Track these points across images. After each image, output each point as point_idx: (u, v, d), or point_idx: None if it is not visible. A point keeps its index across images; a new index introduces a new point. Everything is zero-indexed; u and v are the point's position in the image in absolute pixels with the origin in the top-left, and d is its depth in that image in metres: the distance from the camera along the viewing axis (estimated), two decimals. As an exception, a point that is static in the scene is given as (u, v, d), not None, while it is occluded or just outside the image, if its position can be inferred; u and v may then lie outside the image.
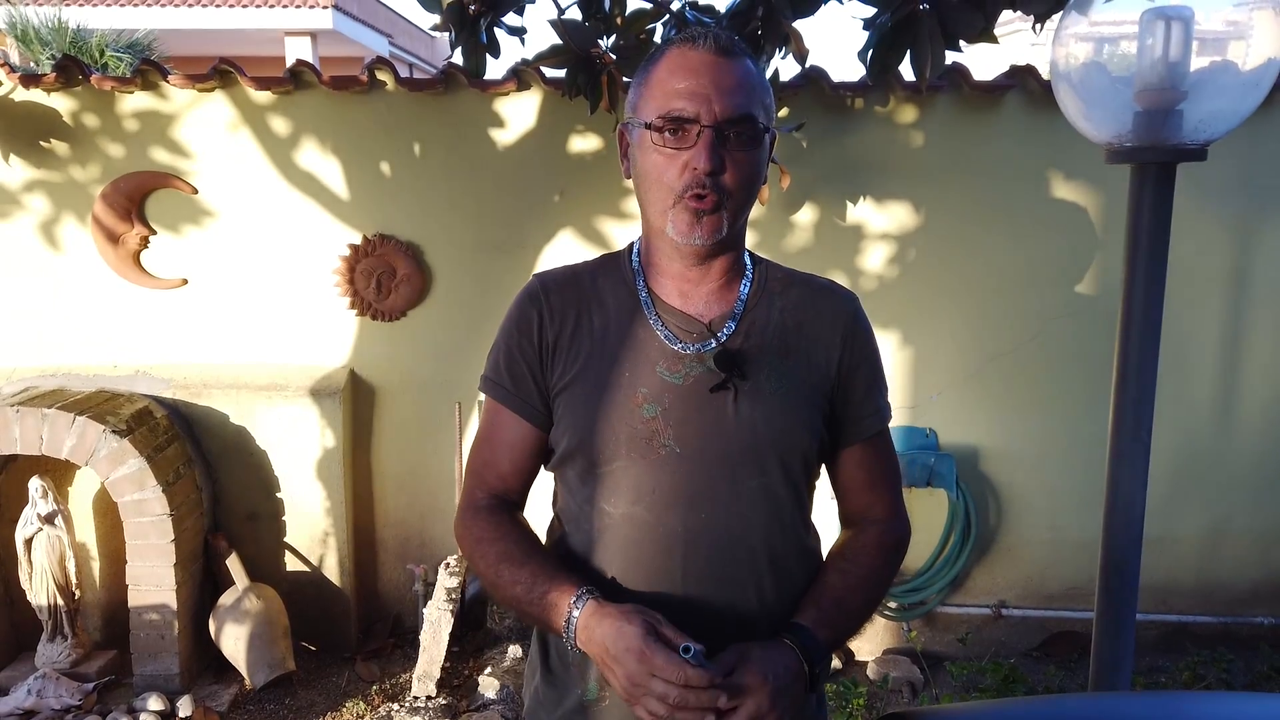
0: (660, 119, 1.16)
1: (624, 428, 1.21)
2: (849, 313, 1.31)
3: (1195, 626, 3.57)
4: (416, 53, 14.46)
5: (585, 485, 1.25)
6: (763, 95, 1.19)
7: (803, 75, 3.17)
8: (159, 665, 3.16)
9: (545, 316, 1.27)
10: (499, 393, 1.29)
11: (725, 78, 1.15)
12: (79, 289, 3.43)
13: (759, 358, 1.23)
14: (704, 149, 1.14)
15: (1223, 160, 3.07)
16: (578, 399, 1.24)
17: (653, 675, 1.04)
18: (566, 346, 1.25)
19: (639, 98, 1.21)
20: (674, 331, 1.24)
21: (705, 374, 1.21)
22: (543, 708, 1.32)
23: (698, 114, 1.14)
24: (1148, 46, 1.65)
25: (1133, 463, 1.79)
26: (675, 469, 1.20)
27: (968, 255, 3.37)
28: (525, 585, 1.19)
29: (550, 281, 1.30)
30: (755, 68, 1.20)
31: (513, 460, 1.30)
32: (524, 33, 2.69)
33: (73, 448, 3.03)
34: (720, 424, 1.21)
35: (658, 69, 1.19)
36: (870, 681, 3.40)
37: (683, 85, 1.15)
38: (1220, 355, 3.45)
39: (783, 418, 1.23)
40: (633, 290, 1.27)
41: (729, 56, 1.16)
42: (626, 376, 1.22)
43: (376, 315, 3.43)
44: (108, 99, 3.30)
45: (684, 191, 1.16)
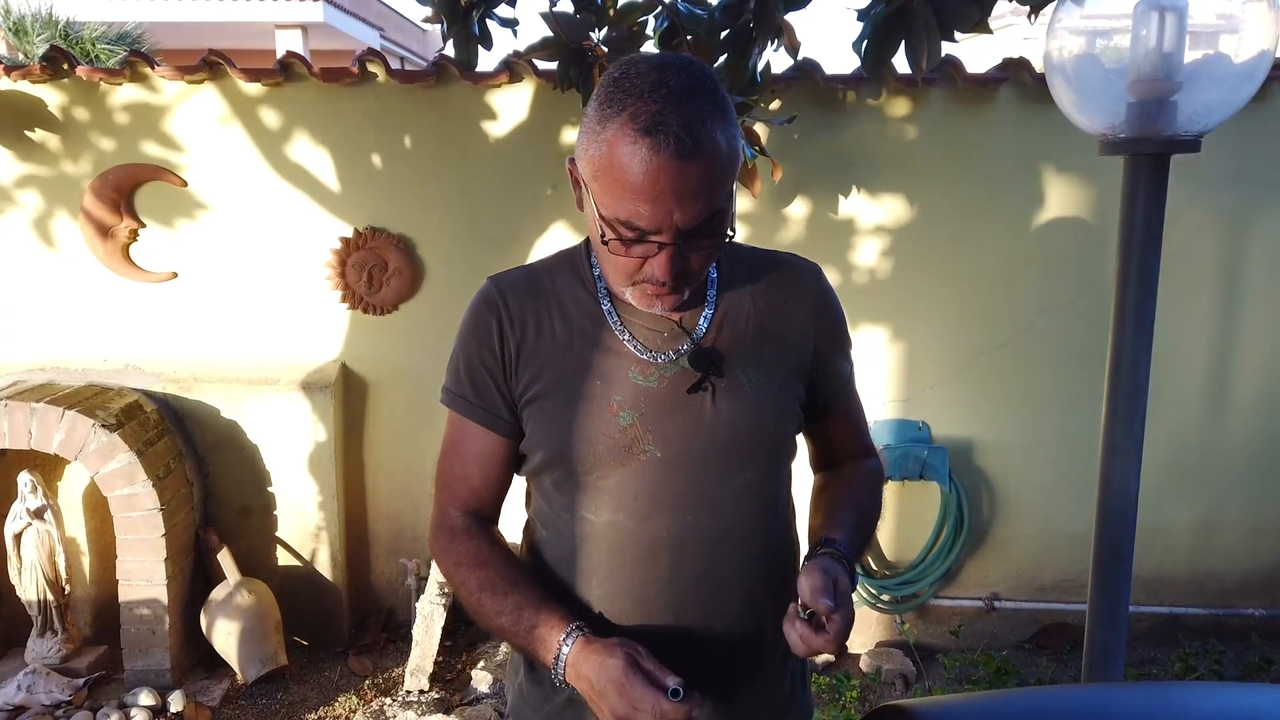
0: (617, 222, 1.06)
1: (602, 438, 1.17)
2: (815, 285, 1.28)
3: (1187, 618, 3.59)
4: (408, 46, 14.39)
5: (563, 494, 1.22)
6: (729, 169, 1.07)
7: (795, 68, 3.16)
8: (150, 660, 3.14)
9: (505, 324, 1.21)
10: (462, 405, 1.23)
11: (689, 183, 1.02)
12: (68, 282, 3.40)
13: (735, 352, 1.20)
14: (664, 263, 1.07)
15: (1216, 153, 3.07)
16: (549, 411, 1.19)
17: (635, 709, 1.02)
18: (530, 355, 1.20)
19: (591, 166, 1.07)
20: (643, 335, 1.19)
21: (680, 374, 1.18)
22: (527, 704, 1.30)
23: (658, 228, 1.05)
24: (1141, 37, 1.64)
25: (1125, 454, 1.79)
26: (657, 474, 1.17)
27: (960, 248, 3.37)
28: (511, 617, 1.15)
29: (506, 285, 1.24)
30: (721, 138, 1.04)
31: (484, 473, 1.25)
32: (516, 25, 2.68)
33: (62, 442, 3.01)
34: (700, 424, 1.18)
35: (615, 155, 1.03)
36: (863, 674, 3.41)
37: (642, 192, 1.02)
38: (1213, 347, 3.46)
39: (763, 411, 1.20)
40: (592, 294, 1.21)
41: (694, 159, 1.01)
42: (598, 385, 1.18)
43: (368, 309, 3.42)
44: (96, 90, 3.28)
45: (641, 279, 1.12)
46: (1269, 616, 3.57)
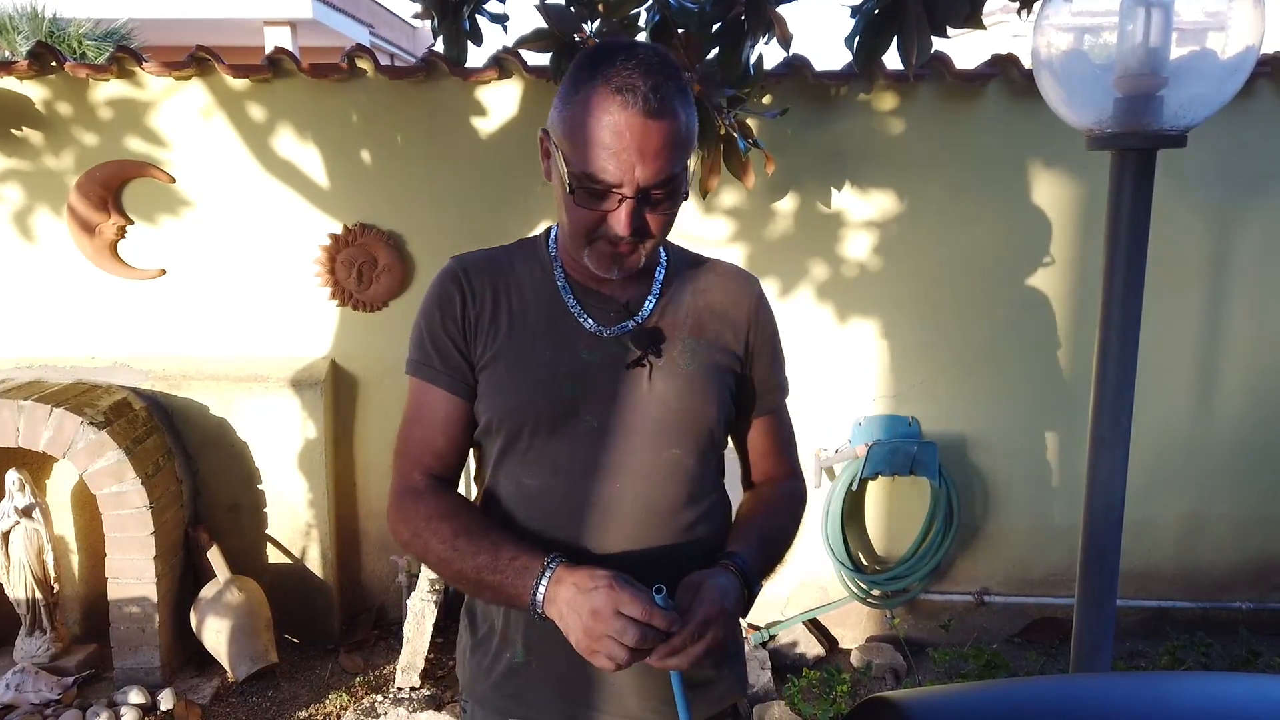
0: (584, 175, 1.15)
1: (545, 405, 1.25)
2: (754, 295, 1.38)
3: (1174, 611, 3.61)
4: (398, 43, 14.34)
5: (505, 461, 1.29)
6: (688, 140, 1.18)
7: (786, 64, 3.16)
8: (140, 659, 3.13)
9: (467, 295, 1.29)
10: (428, 372, 1.30)
11: (651, 141, 1.12)
12: (55, 279, 3.38)
13: (674, 336, 1.29)
14: (625, 216, 1.16)
15: (1202, 149, 3.09)
16: (500, 375, 1.27)
17: (617, 612, 1.06)
18: (488, 325, 1.28)
19: (562, 130, 1.18)
20: (592, 313, 1.29)
21: (622, 352, 1.27)
22: (475, 679, 1.36)
23: (621, 181, 1.14)
24: (1128, 32, 1.65)
25: (1113, 449, 1.80)
26: (592, 443, 1.25)
27: (950, 243, 3.38)
28: (489, 555, 1.18)
29: (469, 263, 1.33)
30: (683, 108, 1.16)
31: (448, 436, 1.31)
32: (506, 20, 2.67)
33: (50, 439, 2.99)
34: (636, 399, 1.26)
35: (586, 113, 1.14)
36: (854, 669, 3.42)
37: (608, 147, 1.13)
38: (1199, 342, 3.48)
39: (694, 393, 1.28)
40: (550, 274, 1.31)
41: (657, 118, 1.12)
42: (547, 355, 1.26)
43: (358, 305, 3.41)
44: (82, 86, 3.26)
45: (600, 238, 1.20)
46: (1256, 609, 3.59)
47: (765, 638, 3.49)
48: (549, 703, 1.32)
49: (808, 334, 3.42)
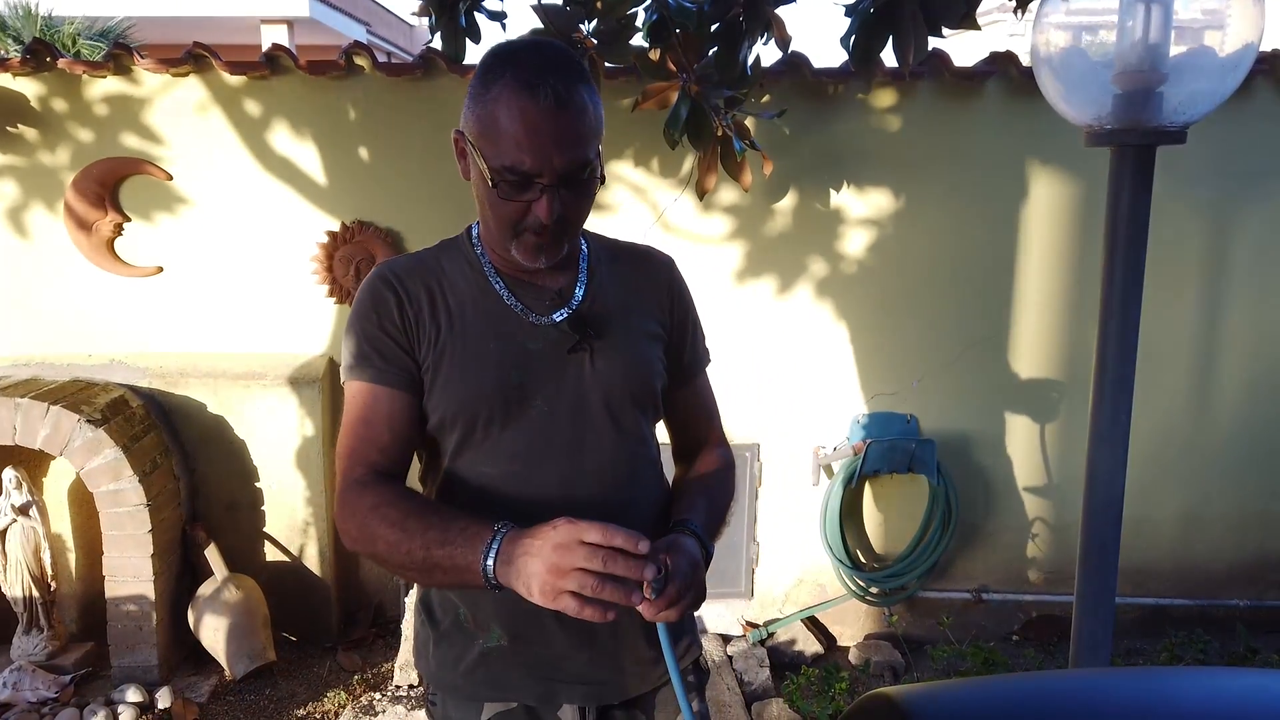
0: (503, 169, 1.20)
1: (496, 395, 1.29)
2: (669, 274, 1.47)
3: (1173, 609, 3.62)
4: (395, 41, 14.33)
5: (464, 451, 1.32)
6: (596, 125, 1.24)
7: (784, 62, 3.16)
8: (137, 657, 3.13)
9: (403, 297, 1.31)
10: (370, 372, 1.30)
11: (564, 130, 1.19)
12: (52, 277, 3.38)
13: (606, 317, 1.36)
14: (546, 204, 1.21)
15: (1200, 147, 3.09)
16: (447, 373, 1.30)
17: (580, 541, 1.06)
18: (428, 325, 1.31)
19: (478, 129, 1.22)
20: (528, 303, 1.34)
21: (562, 337, 1.33)
22: (443, 669, 1.38)
23: (540, 170, 1.19)
24: (1127, 28, 1.65)
25: (1112, 446, 1.80)
26: (546, 426, 1.31)
27: (948, 241, 3.38)
28: (439, 530, 1.17)
29: (398, 267, 1.35)
30: (590, 101, 1.22)
31: (394, 431, 1.30)
32: (504, 17, 2.67)
33: (47, 437, 2.99)
34: (580, 381, 1.32)
35: (500, 110, 1.19)
36: (852, 666, 3.42)
37: (525, 141, 1.18)
38: (1199, 339, 3.48)
39: (634, 368, 1.36)
40: (479, 270, 1.35)
41: (567, 109, 1.19)
42: (491, 348, 1.30)
43: (356, 303, 3.40)
44: (78, 83, 3.25)
45: (525, 229, 1.25)
46: (1253, 607, 3.60)
47: (764, 635, 3.49)
48: (525, 682, 1.35)
49: (806, 332, 3.42)
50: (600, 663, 1.36)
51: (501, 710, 1.36)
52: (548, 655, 1.34)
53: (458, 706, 1.39)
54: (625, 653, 1.37)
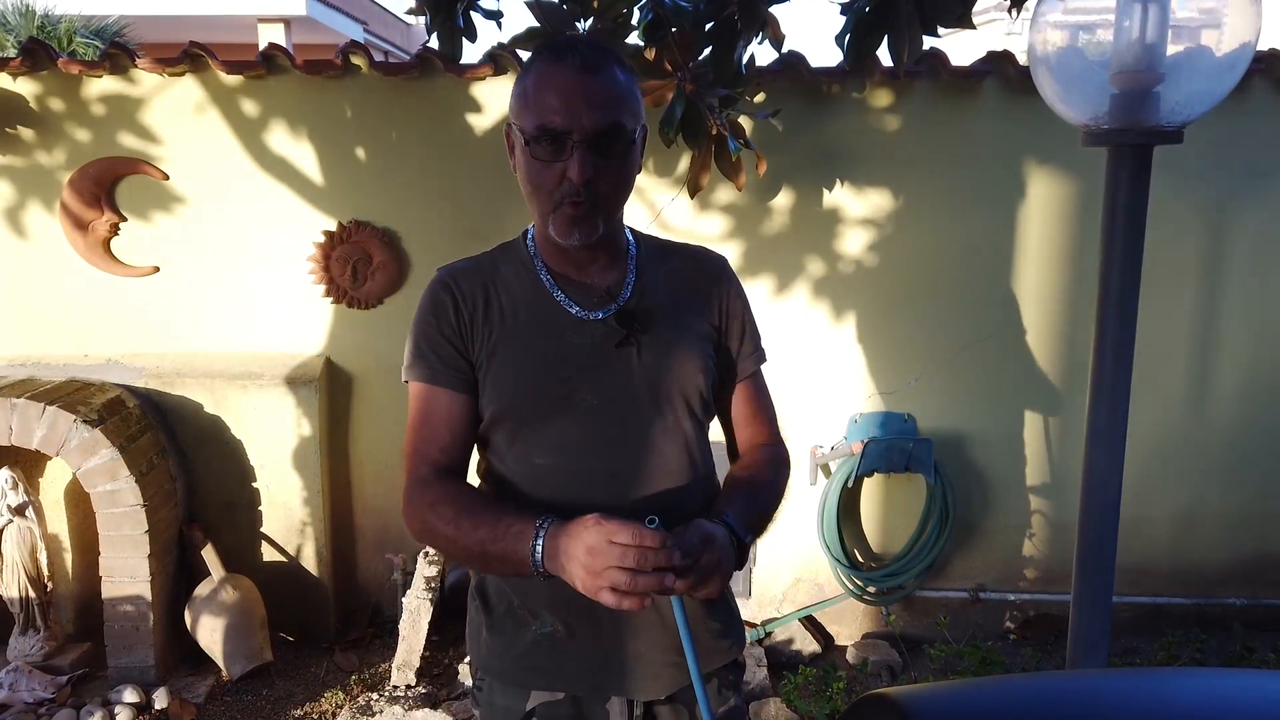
0: (536, 129, 1.26)
1: (545, 389, 1.34)
2: (721, 272, 1.49)
3: (1170, 608, 3.62)
4: (392, 40, 14.31)
5: (514, 444, 1.37)
6: (630, 102, 1.29)
7: (780, 61, 3.16)
8: (134, 657, 3.12)
9: (459, 300, 1.38)
10: (429, 374, 1.38)
11: (594, 92, 1.25)
12: (48, 277, 3.37)
13: (654, 313, 1.39)
14: (577, 161, 1.25)
15: (1198, 145, 3.09)
16: (500, 368, 1.36)
17: (610, 542, 1.12)
18: (481, 324, 1.37)
19: (518, 108, 1.30)
20: (577, 300, 1.38)
21: (610, 333, 1.36)
22: (493, 655, 1.43)
23: (569, 128, 1.24)
24: (1125, 28, 1.65)
25: (1109, 445, 1.80)
26: (594, 419, 1.34)
27: (945, 240, 3.38)
28: (489, 527, 1.25)
29: (456, 271, 1.42)
30: (622, 76, 1.29)
31: (453, 430, 1.38)
32: (500, 16, 2.66)
33: (43, 438, 2.98)
34: (628, 374, 1.36)
35: (531, 84, 1.28)
36: (850, 665, 3.42)
37: (555, 101, 1.25)
38: (1196, 338, 3.48)
39: (680, 362, 1.38)
40: (532, 270, 1.40)
41: (595, 73, 1.25)
42: (541, 344, 1.36)
43: (352, 303, 3.40)
44: (75, 83, 3.24)
45: (561, 199, 1.28)
46: (1250, 605, 3.60)
47: (761, 635, 3.49)
48: (575, 673, 1.39)
49: (803, 331, 3.42)
50: (648, 656, 1.38)
51: (548, 700, 1.40)
52: (597, 646, 1.38)
53: (505, 693, 1.43)
54: (672, 647, 1.38)
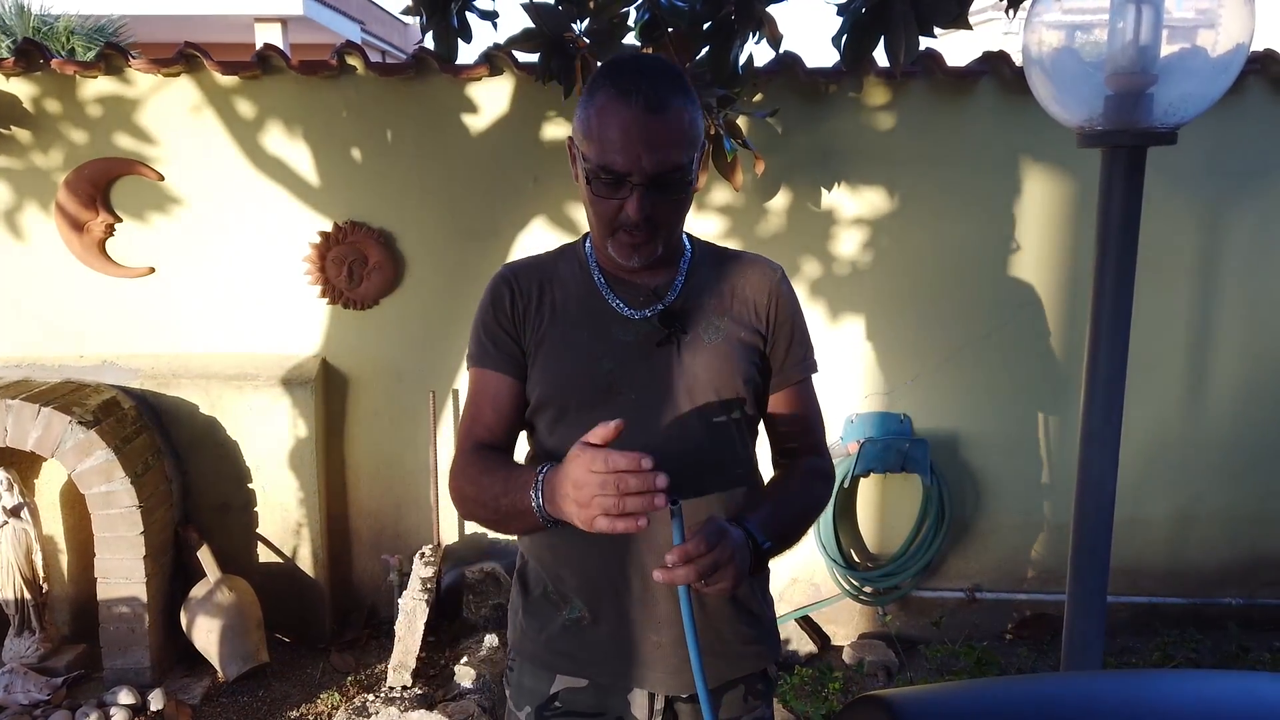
0: (598, 167, 1.30)
1: (586, 381, 1.39)
2: (775, 279, 1.50)
3: (1165, 608, 3.62)
4: (389, 40, 14.31)
5: (554, 432, 1.42)
6: (691, 134, 1.31)
7: (777, 61, 3.16)
8: (129, 659, 3.12)
9: (516, 293, 1.45)
10: (483, 359, 1.45)
11: (655, 135, 1.27)
12: (43, 278, 3.36)
13: (698, 315, 1.43)
14: (635, 203, 1.30)
15: (1192, 147, 3.10)
16: (545, 359, 1.42)
17: (590, 471, 1.14)
18: (534, 314, 1.44)
19: (580, 132, 1.33)
20: (624, 299, 1.43)
21: (653, 331, 1.41)
22: (526, 637, 1.49)
23: (629, 170, 1.28)
24: (1118, 30, 1.65)
25: (1103, 445, 1.80)
26: (632, 412, 1.34)
27: (942, 240, 3.39)
28: (503, 481, 1.31)
29: (517, 267, 1.50)
30: (684, 107, 1.30)
31: (497, 409, 1.44)
32: (496, 17, 2.66)
33: (38, 439, 2.98)
34: (667, 372, 1.40)
35: (595, 116, 1.30)
36: (846, 666, 3.42)
37: (616, 140, 1.27)
38: (1191, 338, 3.49)
39: (719, 364, 1.41)
40: (587, 269, 1.46)
41: (658, 113, 1.27)
42: (586, 337, 1.41)
43: (348, 303, 3.40)
44: (70, 84, 3.24)
45: (619, 227, 1.34)
46: (1245, 605, 3.61)
47: (757, 635, 3.49)
48: (598, 661, 1.43)
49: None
50: (671, 651, 1.40)
51: (571, 685, 1.45)
52: (621, 636, 1.41)
53: (532, 674, 1.48)
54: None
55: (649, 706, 1.43)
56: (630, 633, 1.41)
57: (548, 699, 1.46)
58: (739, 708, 1.48)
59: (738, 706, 1.48)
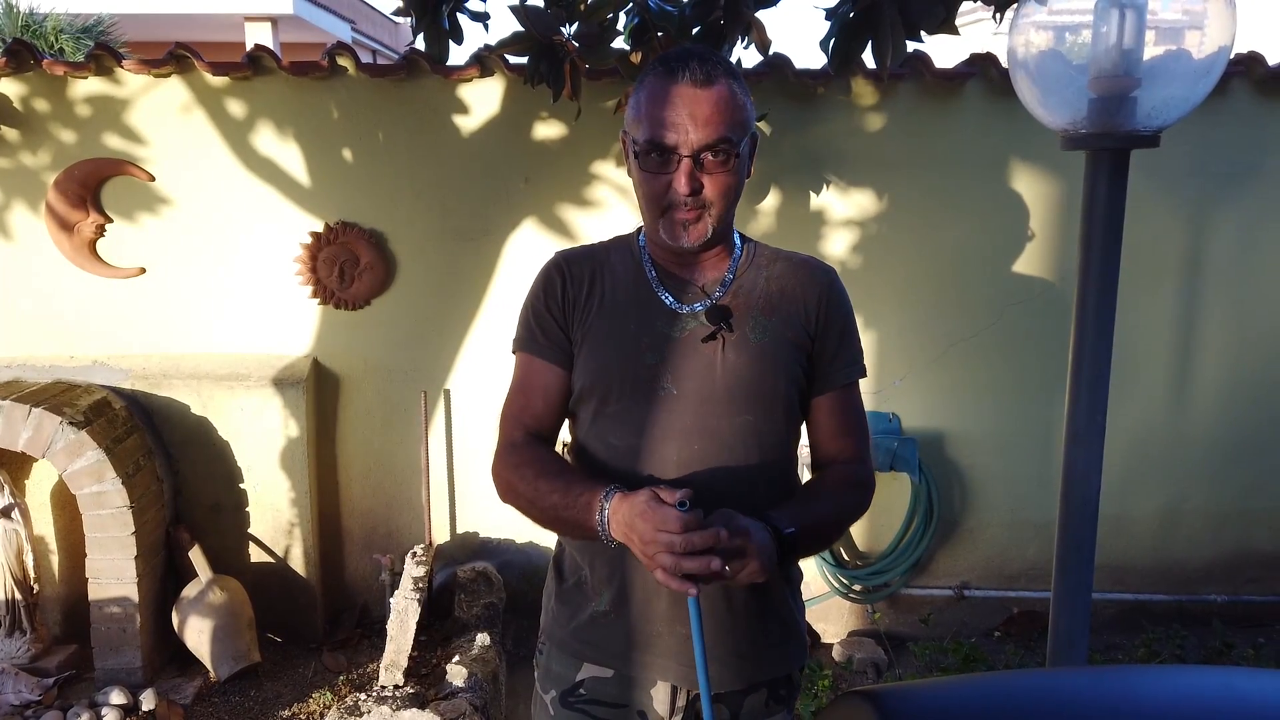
0: (646, 143, 1.31)
1: (629, 372, 1.40)
2: (826, 281, 1.49)
3: (1151, 605, 3.66)
4: (380, 39, 14.27)
5: (595, 422, 1.43)
6: (739, 114, 1.33)
7: (766, 64, 3.17)
8: (121, 659, 3.12)
9: (567, 279, 1.45)
10: (533, 346, 1.46)
11: (701, 108, 1.29)
12: (33, 279, 3.36)
13: (745, 314, 1.42)
14: (683, 175, 1.31)
15: (1177, 147, 3.13)
16: (593, 347, 1.42)
17: (659, 530, 1.19)
18: (584, 304, 1.44)
19: (632, 116, 1.36)
20: (673, 294, 1.43)
21: (699, 327, 1.40)
22: (556, 623, 1.51)
23: (676, 144, 1.30)
24: (1102, 34, 1.67)
25: (1088, 444, 1.83)
26: (672, 408, 1.39)
27: (930, 241, 3.41)
28: (561, 492, 1.34)
29: (571, 255, 1.50)
30: (732, 86, 1.32)
31: (547, 400, 1.46)
32: (487, 19, 2.68)
33: (29, 439, 2.97)
34: (710, 369, 1.39)
35: (645, 97, 1.33)
36: (836, 663, 3.44)
37: (663, 115, 1.30)
38: (1176, 338, 3.52)
39: (763, 364, 1.40)
40: (639, 260, 1.47)
41: (705, 86, 1.29)
42: (632, 330, 1.41)
43: (340, 304, 3.40)
44: (60, 84, 3.23)
45: (669, 205, 1.34)
46: (1230, 602, 3.65)
47: (748, 633, 3.51)
48: (625, 651, 1.44)
49: (789, 331, 3.44)
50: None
51: (597, 674, 1.47)
52: (648, 629, 1.42)
53: (560, 660, 1.50)
54: (722, 644, 1.41)
55: (670, 702, 1.44)
56: (657, 627, 1.42)
57: (573, 685, 1.48)
58: (759, 712, 1.48)
59: (758, 711, 1.48)
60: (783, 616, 1.50)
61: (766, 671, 1.47)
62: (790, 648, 1.51)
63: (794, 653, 1.52)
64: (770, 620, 1.47)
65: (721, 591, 1.40)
